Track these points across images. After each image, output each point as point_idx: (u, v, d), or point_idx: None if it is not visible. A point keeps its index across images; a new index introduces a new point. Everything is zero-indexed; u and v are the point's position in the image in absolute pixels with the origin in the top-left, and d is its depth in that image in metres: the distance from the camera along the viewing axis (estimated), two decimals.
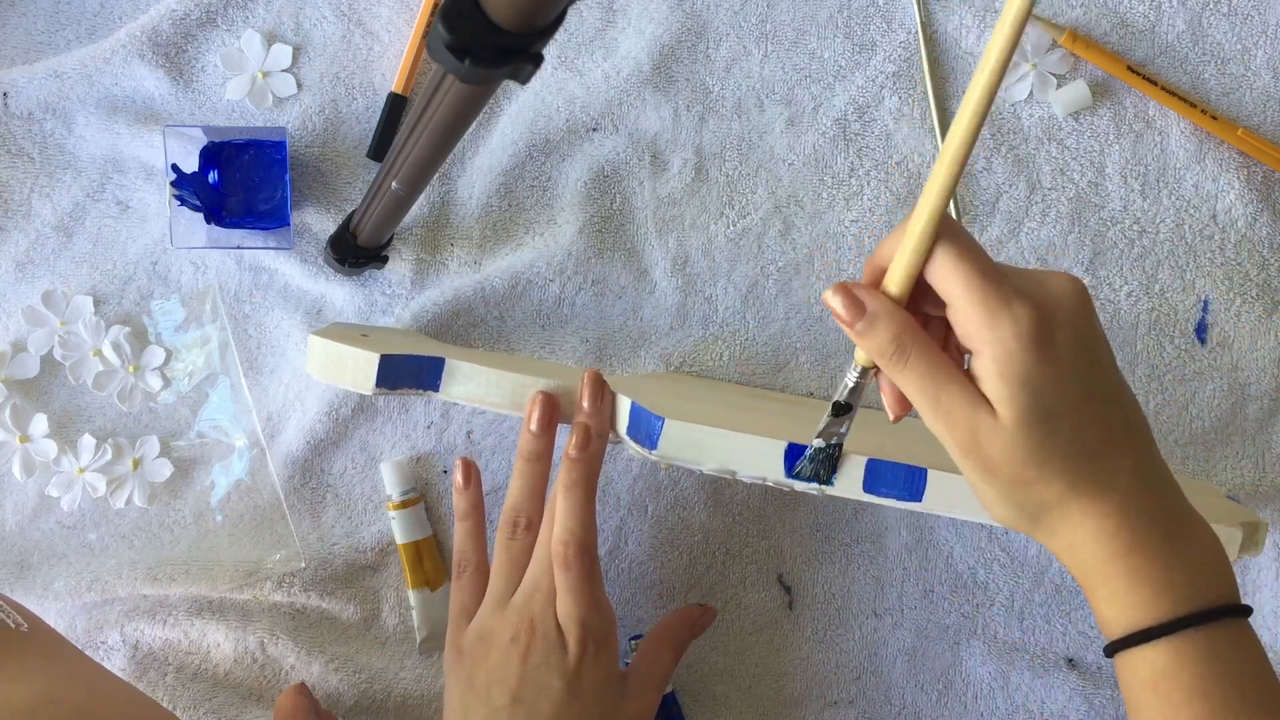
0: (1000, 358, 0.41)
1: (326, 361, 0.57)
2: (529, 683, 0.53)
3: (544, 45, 0.38)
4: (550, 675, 0.53)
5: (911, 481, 0.53)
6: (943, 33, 0.68)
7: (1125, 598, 0.43)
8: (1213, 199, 0.68)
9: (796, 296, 0.67)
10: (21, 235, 0.65)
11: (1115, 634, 0.44)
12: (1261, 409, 0.68)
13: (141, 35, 0.64)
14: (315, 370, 0.57)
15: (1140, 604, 0.43)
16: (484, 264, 0.66)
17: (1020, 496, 0.43)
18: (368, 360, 0.55)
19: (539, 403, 0.56)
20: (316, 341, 0.57)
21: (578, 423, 0.56)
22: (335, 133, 0.66)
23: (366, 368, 0.56)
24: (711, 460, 0.53)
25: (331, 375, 0.57)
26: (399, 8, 0.66)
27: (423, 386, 0.57)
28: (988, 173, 0.68)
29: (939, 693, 0.67)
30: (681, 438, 0.53)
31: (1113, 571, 0.43)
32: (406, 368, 0.56)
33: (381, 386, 0.56)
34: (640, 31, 0.67)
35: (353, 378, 0.56)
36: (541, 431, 0.57)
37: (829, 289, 0.44)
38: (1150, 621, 0.43)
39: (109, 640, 0.63)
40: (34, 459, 0.64)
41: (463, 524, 0.60)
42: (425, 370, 0.56)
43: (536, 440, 0.57)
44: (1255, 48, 0.69)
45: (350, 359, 0.56)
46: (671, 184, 0.67)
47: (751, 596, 0.66)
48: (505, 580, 0.56)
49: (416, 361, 0.56)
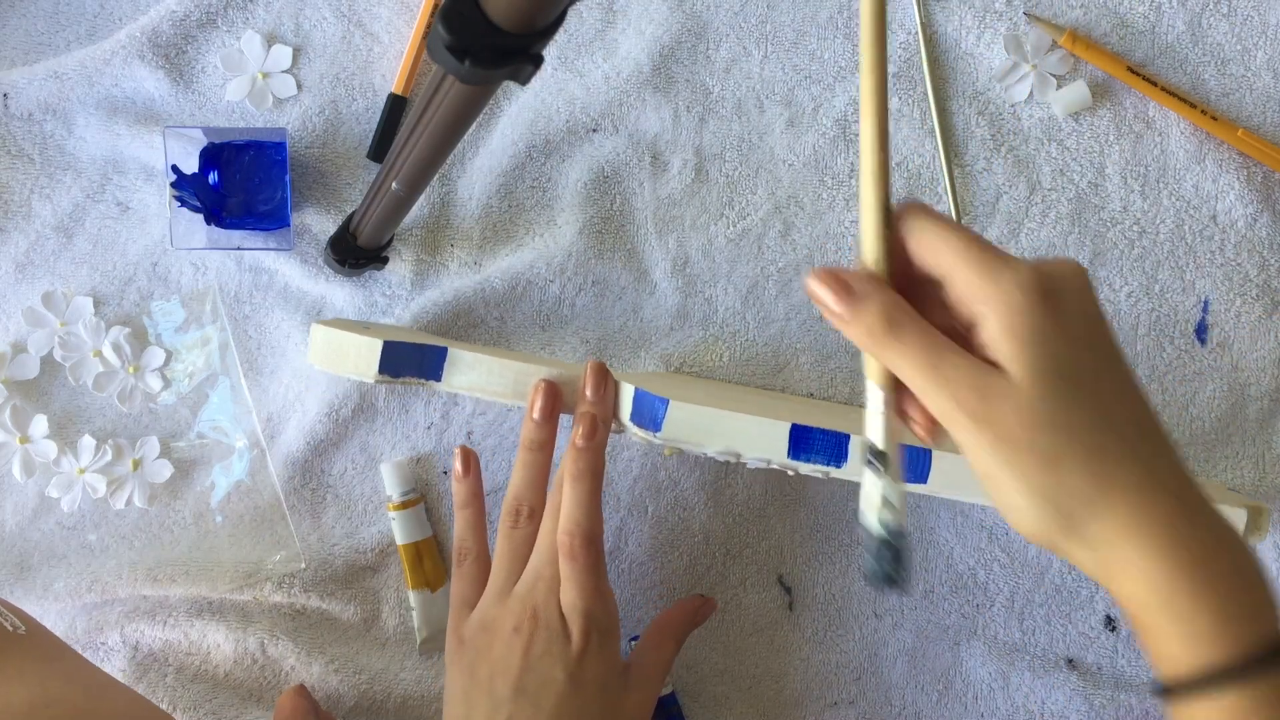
0: (1007, 313, 0.36)
1: (329, 349, 0.56)
2: (532, 674, 0.53)
3: (544, 46, 0.38)
4: (553, 666, 0.53)
5: (916, 463, 0.53)
6: (943, 33, 0.68)
7: (1195, 629, 0.36)
8: (1213, 199, 0.68)
9: (796, 297, 0.67)
10: (21, 236, 0.65)
11: (1181, 673, 0.37)
12: (1261, 409, 0.68)
13: (141, 36, 0.64)
14: (316, 359, 0.57)
15: (1212, 639, 0.36)
16: (484, 265, 0.66)
17: (1047, 485, 0.36)
18: (370, 347, 0.55)
19: (542, 391, 0.56)
20: (319, 329, 0.57)
21: (582, 412, 0.56)
22: (335, 133, 0.66)
23: (369, 355, 0.56)
24: (716, 441, 0.53)
25: (333, 363, 0.56)
26: (399, 8, 0.66)
27: (425, 375, 0.57)
28: (988, 173, 0.68)
29: (939, 693, 0.67)
30: (686, 419, 0.53)
31: (1175, 596, 0.36)
32: (409, 355, 0.56)
33: (384, 374, 0.56)
34: (640, 32, 0.67)
35: (355, 365, 0.56)
36: (544, 420, 0.56)
37: (811, 278, 0.39)
38: (1226, 659, 0.36)
39: (109, 641, 0.63)
40: (34, 460, 0.64)
41: (462, 513, 0.60)
42: (428, 358, 0.56)
43: (539, 429, 0.57)
44: (1255, 48, 0.69)
45: (353, 346, 0.56)
46: (672, 185, 0.67)
47: (752, 597, 0.66)
48: (507, 570, 0.56)
49: (419, 349, 0.56)
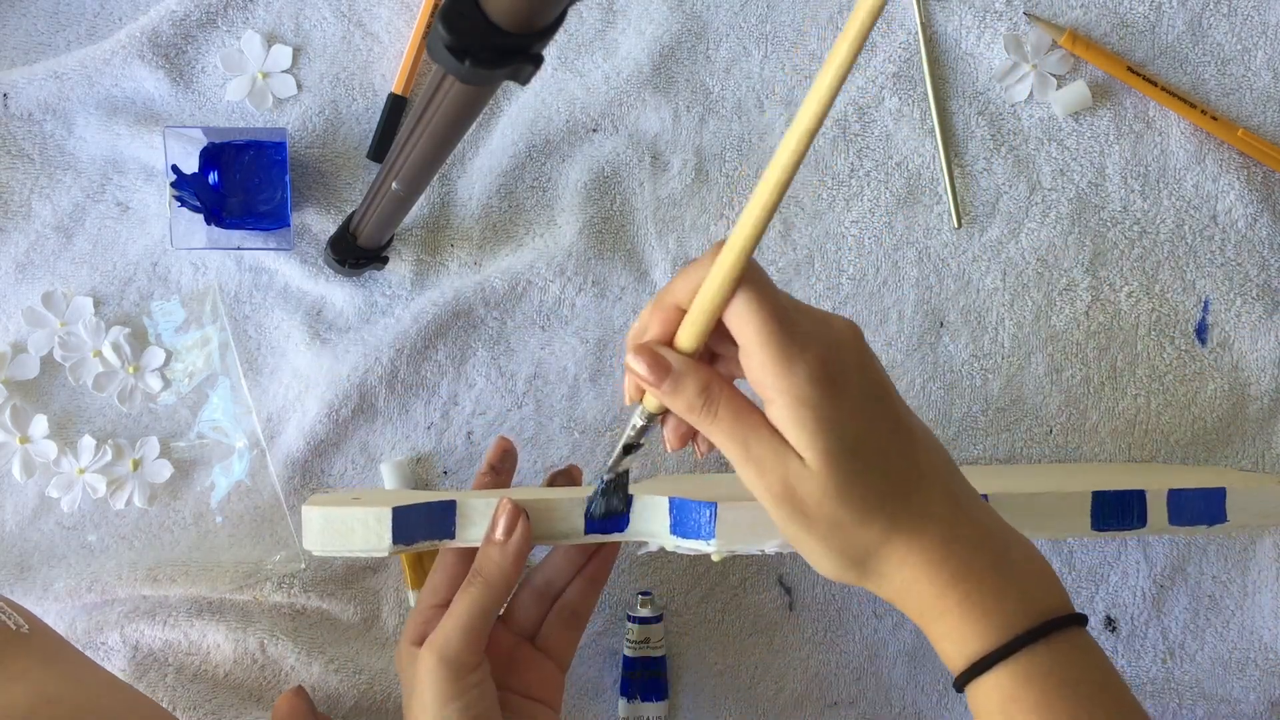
0: (795, 404, 0.41)
1: (328, 529, 0.52)
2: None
3: (544, 46, 0.38)
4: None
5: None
6: (943, 33, 0.68)
7: (962, 629, 0.43)
8: (1213, 200, 0.68)
9: (796, 297, 0.67)
10: (21, 236, 0.65)
11: (959, 667, 0.44)
12: (1261, 409, 0.68)
13: (141, 36, 0.64)
14: (315, 544, 0.52)
15: (978, 633, 0.43)
16: (484, 265, 0.66)
17: (841, 543, 0.43)
18: (378, 518, 0.51)
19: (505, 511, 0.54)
20: (313, 512, 0.52)
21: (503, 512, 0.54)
22: (335, 133, 0.66)
23: (378, 527, 0.51)
24: (774, 536, 0.51)
25: (337, 545, 0.52)
26: (399, 8, 0.66)
27: (438, 535, 0.53)
28: (988, 173, 0.68)
29: (939, 694, 0.67)
30: (738, 520, 0.51)
31: (946, 604, 0.43)
32: (420, 517, 0.52)
33: (399, 544, 0.52)
34: (640, 32, 0.67)
35: (364, 541, 0.51)
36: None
37: (629, 353, 0.43)
38: (989, 647, 0.43)
39: (109, 641, 0.63)
40: (34, 460, 0.64)
41: None
42: (437, 515, 0.53)
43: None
44: (1255, 48, 0.69)
45: (359, 521, 0.51)
46: (672, 185, 0.67)
47: (752, 597, 0.66)
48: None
49: (428, 509, 0.53)
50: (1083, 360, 0.68)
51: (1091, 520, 0.54)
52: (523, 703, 0.57)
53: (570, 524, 0.53)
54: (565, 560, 0.59)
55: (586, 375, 0.66)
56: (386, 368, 0.64)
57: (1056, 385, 0.67)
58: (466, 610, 0.52)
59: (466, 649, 0.52)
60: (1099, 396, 0.67)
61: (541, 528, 0.53)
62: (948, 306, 0.67)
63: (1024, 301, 0.67)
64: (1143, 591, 0.67)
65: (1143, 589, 0.67)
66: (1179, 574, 0.67)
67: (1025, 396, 0.67)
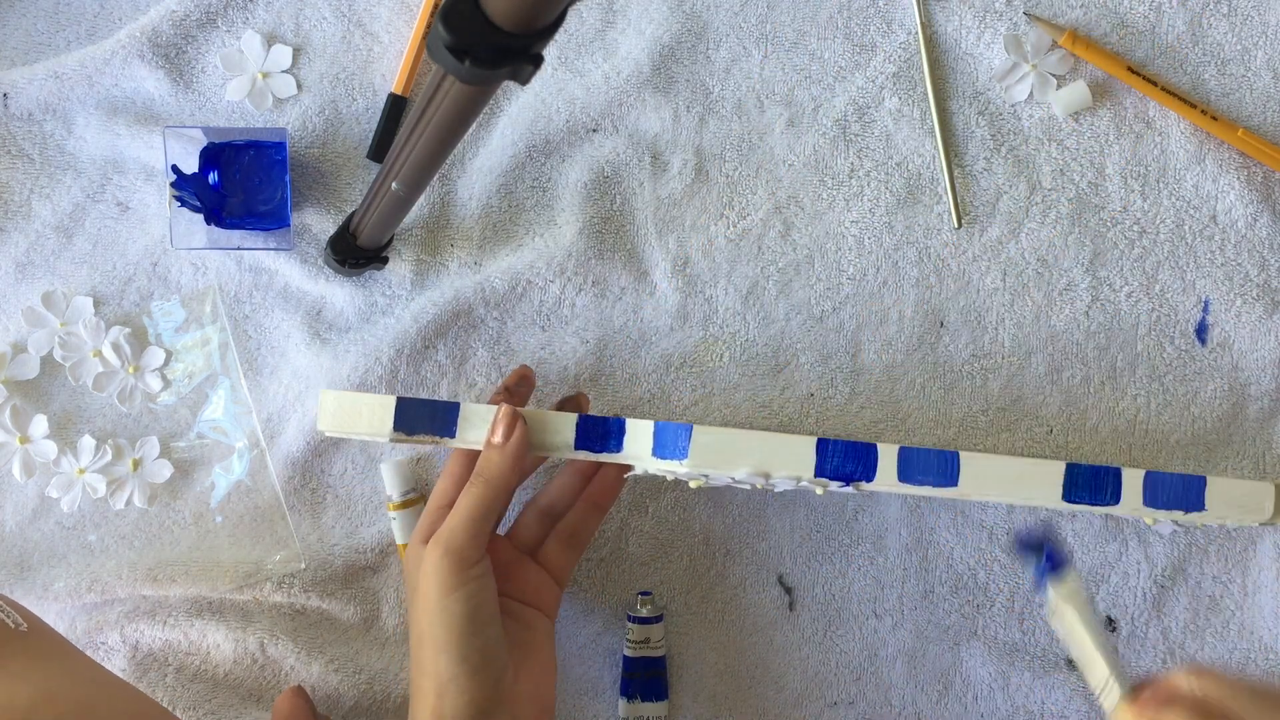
0: None
1: (340, 412, 0.57)
2: None
3: (544, 46, 0.38)
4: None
5: (944, 466, 0.53)
6: (943, 33, 0.68)
7: None
8: (1213, 199, 0.68)
9: (797, 297, 0.67)
10: (21, 236, 0.65)
11: None
12: (1261, 409, 0.68)
13: (141, 36, 0.64)
14: (327, 424, 0.58)
15: None
16: (484, 265, 0.66)
17: None
18: (383, 405, 0.57)
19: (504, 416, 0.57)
20: (329, 395, 0.58)
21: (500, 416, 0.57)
22: (335, 133, 0.66)
23: (382, 413, 0.57)
24: (745, 463, 0.53)
25: (345, 425, 0.57)
26: (399, 8, 0.66)
27: (439, 432, 0.57)
28: (988, 173, 0.68)
29: (939, 694, 0.67)
30: (712, 443, 0.53)
31: None
32: (423, 411, 0.57)
33: (399, 431, 0.57)
34: (640, 32, 0.67)
35: (368, 425, 0.57)
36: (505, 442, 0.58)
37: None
38: None
39: (109, 641, 0.63)
40: (34, 460, 0.64)
41: None
42: (440, 414, 0.57)
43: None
44: (1255, 48, 0.69)
45: (366, 405, 0.57)
46: (671, 185, 0.67)
47: (751, 597, 0.66)
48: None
49: (431, 405, 0.57)
50: (1082, 360, 0.68)
51: (1063, 490, 0.54)
52: (520, 608, 0.60)
53: (562, 437, 0.57)
54: (569, 484, 0.63)
55: (586, 375, 0.66)
56: (386, 368, 0.64)
57: (1056, 385, 0.67)
58: (469, 506, 0.56)
59: (469, 543, 0.55)
60: (1099, 396, 0.68)
61: (535, 438, 0.57)
62: (948, 306, 0.67)
63: (1024, 301, 0.67)
64: (1143, 592, 0.67)
65: (1143, 589, 0.67)
66: (1179, 574, 0.67)
67: (1025, 396, 0.67)
